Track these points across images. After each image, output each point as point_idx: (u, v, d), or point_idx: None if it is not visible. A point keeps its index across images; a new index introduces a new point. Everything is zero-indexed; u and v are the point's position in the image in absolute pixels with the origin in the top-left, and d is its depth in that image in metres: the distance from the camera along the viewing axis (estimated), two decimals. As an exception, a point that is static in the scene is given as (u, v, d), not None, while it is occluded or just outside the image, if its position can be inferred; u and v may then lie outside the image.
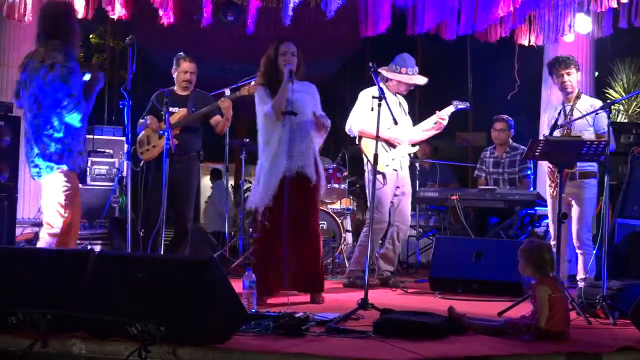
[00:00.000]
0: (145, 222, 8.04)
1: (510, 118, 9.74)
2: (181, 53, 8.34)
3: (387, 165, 8.09)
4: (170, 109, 7.93)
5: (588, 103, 7.67)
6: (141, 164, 8.21)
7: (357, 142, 8.25)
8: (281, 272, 6.75)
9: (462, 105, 8.50)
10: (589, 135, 7.45)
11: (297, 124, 6.79)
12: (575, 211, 7.63)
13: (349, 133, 8.30)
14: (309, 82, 7.08)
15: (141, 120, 8.15)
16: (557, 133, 7.44)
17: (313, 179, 6.82)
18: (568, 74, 7.66)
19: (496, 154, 9.73)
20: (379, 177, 8.01)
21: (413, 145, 8.44)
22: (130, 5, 9.75)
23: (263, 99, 6.89)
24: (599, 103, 7.76)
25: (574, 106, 7.66)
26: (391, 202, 8.25)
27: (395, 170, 8.20)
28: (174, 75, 8.29)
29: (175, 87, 8.20)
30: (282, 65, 6.83)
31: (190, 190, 8.24)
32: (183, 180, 8.10)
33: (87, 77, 6.40)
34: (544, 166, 7.83)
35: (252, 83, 8.01)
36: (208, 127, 8.39)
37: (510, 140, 9.70)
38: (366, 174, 8.28)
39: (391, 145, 8.15)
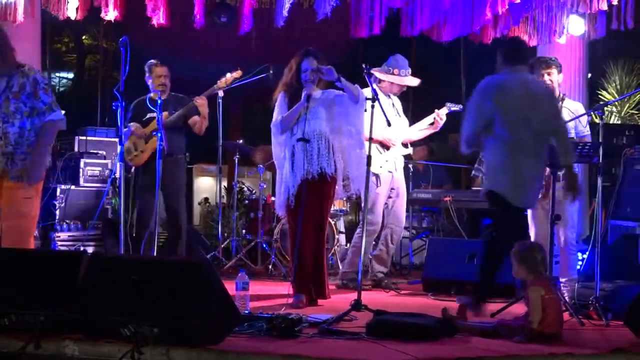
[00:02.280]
0: (138, 224, 8.09)
1: None
2: (152, 60, 8.47)
3: (381, 167, 8.08)
4: (150, 114, 8.19)
5: (572, 107, 7.64)
6: (132, 170, 8.29)
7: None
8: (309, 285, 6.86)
9: (454, 108, 8.50)
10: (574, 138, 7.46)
11: (314, 131, 6.81)
12: (559, 211, 7.62)
13: None
14: (333, 90, 7.05)
15: (124, 129, 8.14)
16: None
17: (328, 181, 6.88)
18: (548, 73, 7.60)
19: None
20: (373, 178, 8.01)
21: (406, 145, 8.43)
22: (123, 7, 9.74)
23: (281, 106, 6.95)
24: (581, 107, 7.73)
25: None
26: (385, 203, 8.24)
27: (390, 172, 8.19)
28: (149, 83, 8.43)
29: (152, 94, 8.24)
30: (304, 81, 6.88)
31: (180, 189, 8.41)
32: (172, 181, 8.22)
33: None
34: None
35: (228, 75, 8.08)
36: (190, 130, 8.50)
37: None
38: None
39: (385, 146, 8.14)
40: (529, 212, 7.75)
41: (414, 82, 8.27)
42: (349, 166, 7.03)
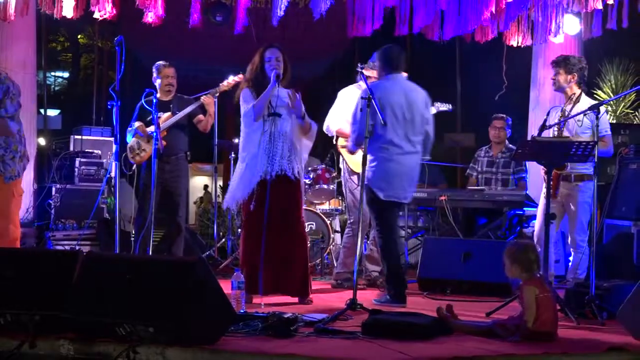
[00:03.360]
0: (140, 223, 8.14)
1: (509, 117, 9.75)
2: (161, 62, 8.56)
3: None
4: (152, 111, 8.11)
5: (586, 105, 7.65)
6: (133, 167, 8.33)
7: (334, 142, 8.25)
8: (256, 278, 6.71)
9: (443, 108, 8.52)
10: (587, 138, 7.43)
11: (279, 129, 6.79)
12: (569, 213, 7.63)
13: (326, 132, 8.28)
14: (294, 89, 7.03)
15: (130, 128, 8.26)
16: (549, 134, 7.49)
17: (293, 181, 6.83)
18: (555, 72, 7.72)
19: (491, 153, 9.71)
20: (355, 177, 8.03)
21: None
22: (118, 6, 9.73)
23: (247, 100, 6.89)
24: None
25: (572, 109, 7.65)
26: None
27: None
28: (156, 83, 8.50)
29: (159, 94, 8.31)
30: (268, 71, 6.84)
31: (180, 189, 8.46)
32: (173, 180, 8.33)
33: None
34: (540, 168, 7.81)
35: (231, 79, 8.14)
36: (194, 129, 8.58)
37: (507, 141, 9.70)
38: (342, 173, 8.30)
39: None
40: (539, 210, 7.76)
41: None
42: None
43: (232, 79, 8.30)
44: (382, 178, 6.88)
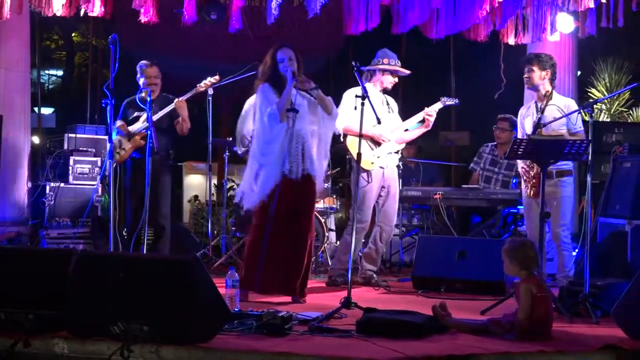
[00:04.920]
0: (128, 223, 8.12)
1: (514, 117, 9.77)
2: (143, 61, 8.50)
3: (372, 163, 8.07)
4: (137, 113, 8.30)
5: (562, 103, 7.68)
6: (114, 166, 8.27)
7: (342, 140, 8.24)
8: (255, 274, 6.72)
9: (450, 102, 8.50)
10: (564, 133, 7.49)
11: (297, 127, 6.75)
12: (553, 209, 7.63)
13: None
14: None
15: (113, 126, 8.14)
16: (525, 131, 7.55)
17: (309, 182, 6.82)
18: (528, 70, 7.72)
19: (496, 152, 9.72)
20: (364, 175, 8.02)
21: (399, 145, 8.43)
22: (110, 4, 9.71)
23: (268, 97, 6.83)
24: (572, 103, 7.81)
25: (546, 105, 7.67)
26: (376, 201, 8.24)
27: (382, 167, 8.18)
28: (140, 83, 8.44)
29: (142, 93, 8.25)
30: (282, 71, 6.81)
31: (163, 188, 8.44)
32: (156, 179, 8.20)
33: None
34: (519, 166, 7.84)
35: (207, 80, 8.11)
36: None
37: None
38: (352, 173, 8.29)
39: (376, 143, 8.14)
40: (525, 210, 7.78)
41: (405, 71, 8.29)
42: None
43: (209, 80, 8.30)
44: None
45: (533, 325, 5.20)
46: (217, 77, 8.33)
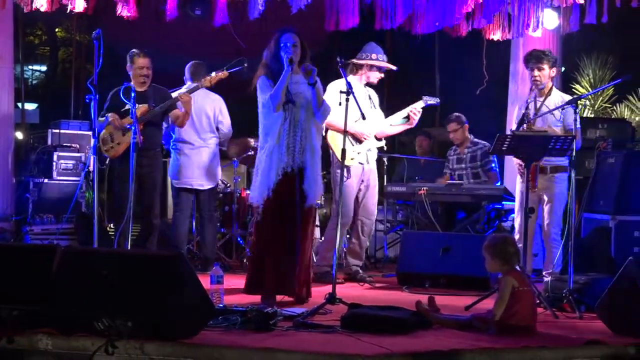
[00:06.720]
0: (116, 218, 8.07)
1: (460, 115, 9.84)
2: (134, 50, 8.26)
3: (352, 159, 8.08)
4: (129, 105, 7.96)
5: (559, 98, 7.66)
6: (107, 162, 8.21)
7: (324, 134, 8.24)
8: (261, 279, 6.53)
9: (431, 101, 8.53)
10: (559, 131, 7.45)
11: (298, 117, 6.57)
12: (545, 205, 7.64)
13: None
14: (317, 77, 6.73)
15: (101, 119, 8.00)
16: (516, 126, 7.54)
17: (309, 177, 6.58)
18: (539, 69, 7.64)
19: (459, 151, 9.91)
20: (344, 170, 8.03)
21: (380, 138, 8.42)
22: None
23: (263, 88, 6.61)
24: (568, 98, 7.77)
25: (545, 101, 7.66)
26: (356, 196, 8.25)
27: (361, 163, 8.19)
28: (130, 73, 8.23)
29: (133, 84, 8.05)
30: (284, 57, 6.57)
31: (155, 185, 8.25)
32: (148, 176, 8.11)
33: None
34: (514, 162, 7.83)
35: (213, 74, 8.03)
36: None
37: (471, 137, 9.83)
38: (331, 167, 8.30)
39: (357, 139, 8.15)
40: (516, 204, 7.80)
41: (392, 66, 8.30)
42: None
43: (214, 75, 8.15)
44: None
45: (516, 321, 5.22)
46: (225, 72, 8.13)
